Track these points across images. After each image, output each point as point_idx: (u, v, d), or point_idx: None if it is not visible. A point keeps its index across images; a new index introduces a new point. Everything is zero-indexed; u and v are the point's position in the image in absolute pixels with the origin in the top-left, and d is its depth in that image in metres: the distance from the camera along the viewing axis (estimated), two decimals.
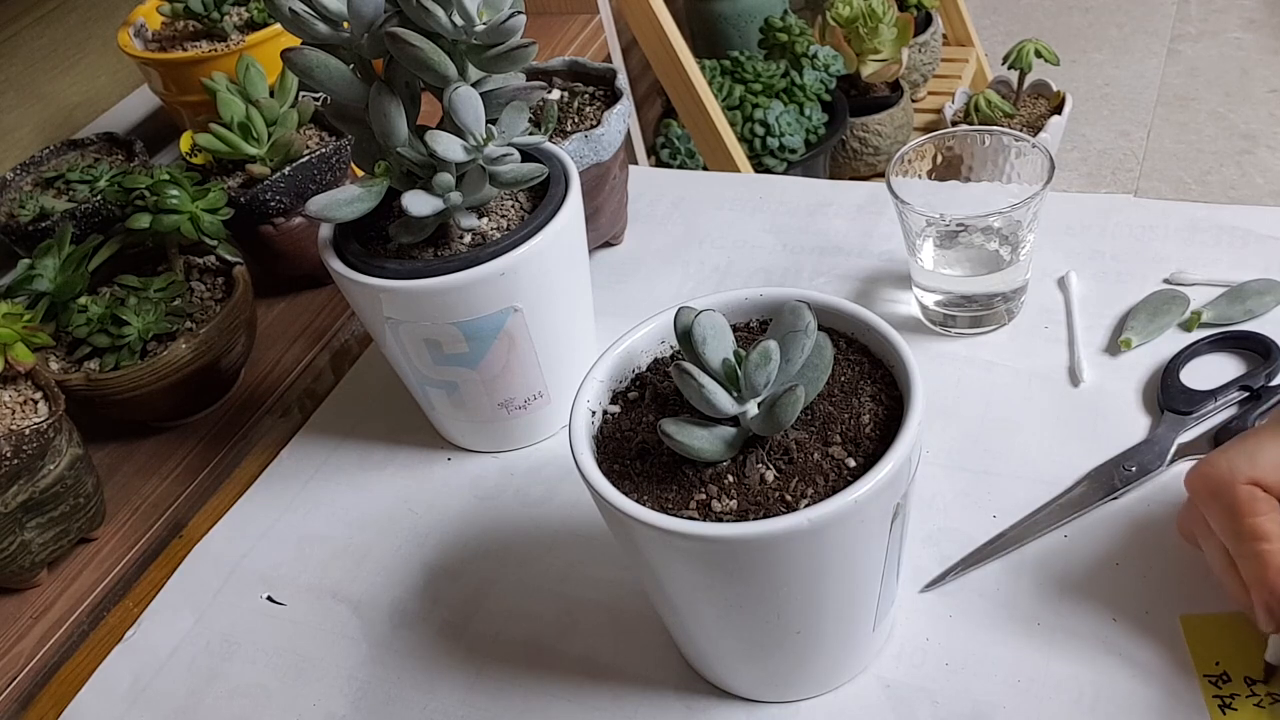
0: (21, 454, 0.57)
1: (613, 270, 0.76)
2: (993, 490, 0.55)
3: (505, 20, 0.50)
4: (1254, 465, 0.44)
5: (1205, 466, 0.45)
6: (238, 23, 0.91)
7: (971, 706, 0.47)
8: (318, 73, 0.51)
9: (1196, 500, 0.46)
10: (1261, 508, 0.43)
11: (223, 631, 0.58)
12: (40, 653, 0.60)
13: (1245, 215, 0.67)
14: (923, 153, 0.64)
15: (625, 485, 0.42)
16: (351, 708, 0.53)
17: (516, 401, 0.61)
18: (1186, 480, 0.47)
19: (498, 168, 0.54)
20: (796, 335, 0.41)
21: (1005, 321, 0.64)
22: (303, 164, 0.76)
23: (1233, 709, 0.44)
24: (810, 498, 0.40)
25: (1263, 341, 0.59)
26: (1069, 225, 0.70)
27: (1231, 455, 0.45)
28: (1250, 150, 1.95)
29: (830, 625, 0.44)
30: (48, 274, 0.68)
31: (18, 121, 0.95)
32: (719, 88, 1.66)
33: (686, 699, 0.50)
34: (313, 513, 0.64)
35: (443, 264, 0.54)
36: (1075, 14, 2.43)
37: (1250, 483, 0.44)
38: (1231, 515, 0.44)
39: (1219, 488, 0.44)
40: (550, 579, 0.56)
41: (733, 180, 0.83)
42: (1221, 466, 0.45)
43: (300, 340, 0.79)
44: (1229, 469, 0.44)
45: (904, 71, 1.84)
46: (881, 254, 0.72)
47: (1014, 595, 0.50)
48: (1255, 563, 0.43)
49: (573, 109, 0.72)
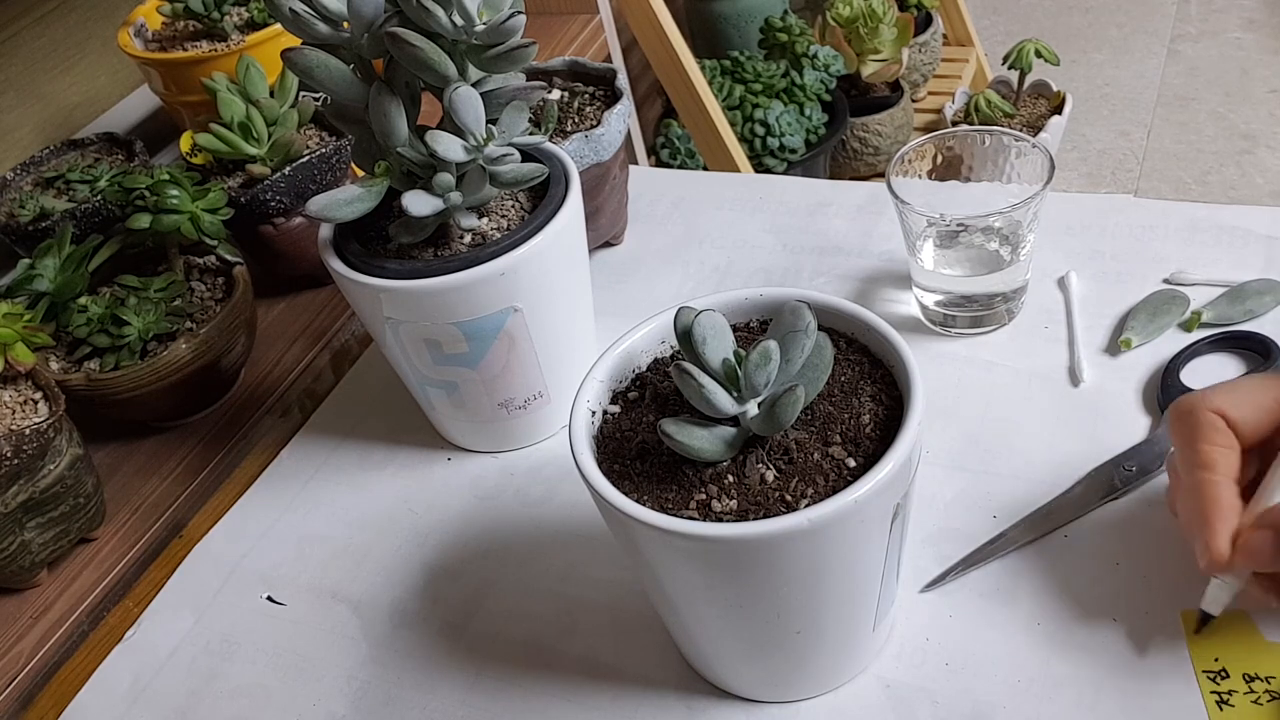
0: (21, 454, 0.57)
1: (613, 270, 0.76)
2: (993, 490, 0.55)
3: (505, 20, 0.50)
4: (1226, 399, 0.44)
5: (1183, 396, 0.46)
6: (238, 23, 0.91)
7: (971, 706, 0.47)
8: (318, 73, 0.51)
9: (1169, 429, 0.46)
10: (1216, 438, 0.43)
11: (223, 631, 0.58)
12: (40, 653, 0.60)
13: (1245, 215, 0.67)
14: (923, 153, 0.64)
15: (625, 485, 0.42)
16: (351, 708, 0.53)
17: (516, 401, 0.61)
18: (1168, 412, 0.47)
19: (498, 168, 0.54)
20: (796, 335, 0.41)
21: (1005, 321, 0.64)
22: (303, 164, 0.76)
23: (1230, 705, 0.44)
24: (810, 498, 0.40)
25: (1263, 341, 0.59)
26: (1069, 225, 0.70)
27: (1212, 388, 0.45)
28: (1250, 150, 1.95)
29: (830, 625, 0.44)
30: (48, 274, 0.68)
31: (18, 121, 0.95)
32: (719, 88, 1.66)
33: (686, 699, 0.50)
34: (313, 513, 0.64)
35: (443, 264, 0.54)
36: (1075, 14, 2.43)
37: (1216, 412, 0.44)
38: (1188, 440, 0.44)
39: (1186, 411, 0.44)
40: (550, 579, 0.56)
41: (733, 180, 0.83)
42: (1195, 395, 0.45)
43: (300, 340, 0.79)
44: (1201, 396, 0.45)
45: (904, 71, 1.84)
46: (881, 254, 0.72)
47: (1014, 595, 0.50)
48: (1197, 494, 0.42)
49: (573, 109, 0.72)
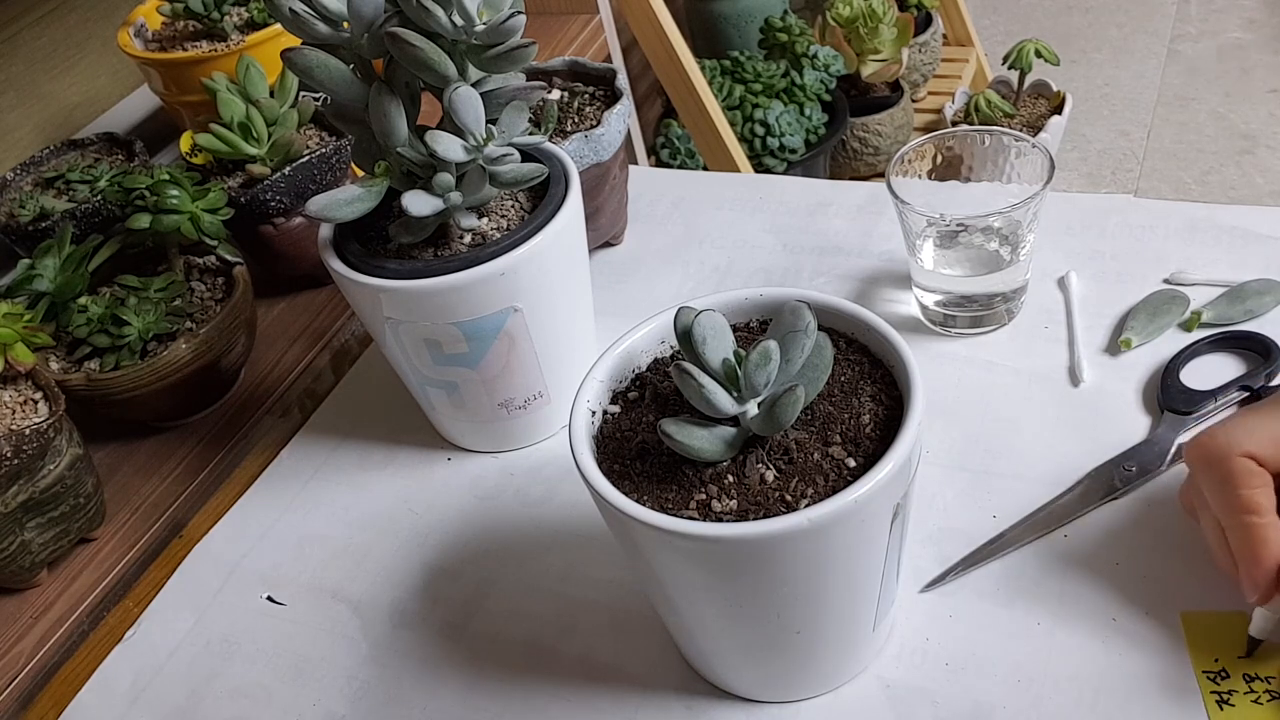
0: (21, 454, 0.57)
1: (613, 270, 0.76)
2: (993, 490, 0.55)
3: (505, 20, 0.50)
4: (1251, 438, 0.44)
5: (1204, 437, 0.46)
6: (238, 23, 0.91)
7: (971, 706, 0.47)
8: (318, 73, 0.51)
9: (1194, 470, 0.47)
10: (1255, 481, 0.44)
11: (223, 631, 0.58)
12: (40, 653, 0.60)
13: (1245, 215, 0.67)
14: (923, 153, 0.64)
15: (625, 485, 0.42)
16: (351, 708, 0.53)
17: (516, 401, 0.61)
18: (1185, 451, 0.47)
19: (498, 168, 0.54)
20: (796, 335, 0.41)
21: (1005, 321, 0.64)
22: (303, 164, 0.76)
23: (1230, 705, 0.44)
24: (810, 498, 0.40)
25: (1262, 341, 0.59)
26: (1069, 225, 0.70)
27: (1230, 428, 0.45)
28: (1250, 150, 1.95)
29: (830, 625, 0.44)
30: (48, 274, 0.68)
31: (18, 121, 0.95)
32: (719, 88, 1.66)
33: (686, 699, 0.50)
34: (313, 513, 0.64)
35: (443, 264, 0.54)
36: (1075, 14, 2.43)
37: (1246, 455, 0.44)
38: (1225, 486, 0.44)
39: (1215, 458, 0.45)
40: (550, 579, 0.56)
41: (733, 180, 0.83)
42: (1219, 438, 0.45)
43: (300, 340, 0.79)
44: (1226, 441, 0.45)
45: (904, 71, 1.84)
46: (881, 254, 0.72)
47: (1014, 595, 0.50)
48: (1244, 534, 0.43)
49: (573, 109, 0.72)
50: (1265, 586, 0.43)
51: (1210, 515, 0.46)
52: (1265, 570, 0.42)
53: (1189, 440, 0.47)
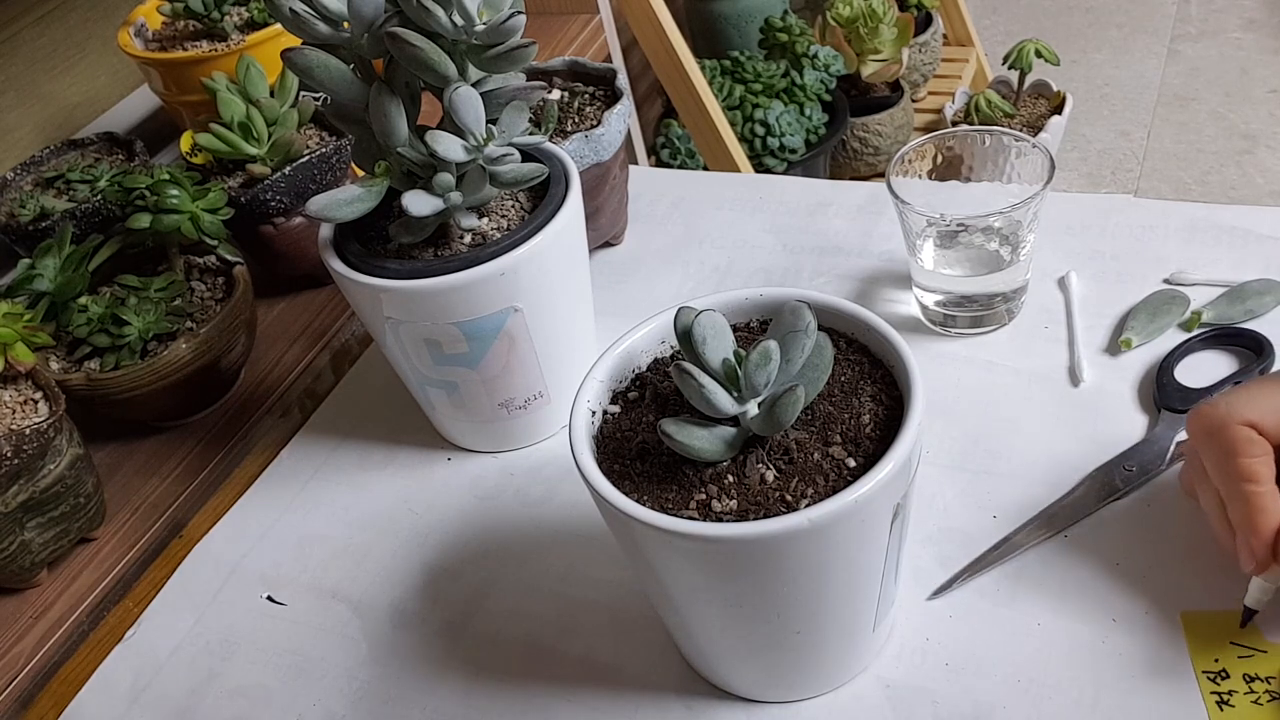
0: (22, 454, 0.57)
1: (613, 270, 0.76)
2: (993, 490, 0.55)
3: (505, 20, 0.50)
4: (1252, 408, 0.45)
5: (1205, 407, 0.46)
6: (238, 22, 0.91)
7: (971, 706, 0.47)
8: (318, 73, 0.51)
9: (1194, 441, 0.47)
10: (1255, 449, 0.44)
11: (223, 631, 0.58)
12: (40, 653, 0.60)
13: (1245, 215, 0.67)
14: (923, 153, 0.64)
15: (625, 485, 0.42)
16: (351, 708, 0.53)
17: (516, 401, 0.61)
18: (1187, 422, 0.47)
19: (498, 168, 0.54)
20: (796, 335, 0.41)
21: (1005, 321, 0.64)
22: (303, 164, 0.76)
23: (1230, 705, 0.44)
24: (810, 498, 0.40)
25: (1254, 338, 0.59)
26: (1069, 225, 0.70)
27: (1231, 398, 0.45)
28: (1250, 150, 1.95)
29: (830, 625, 0.44)
30: (48, 274, 0.68)
31: (18, 121, 0.95)
32: (719, 88, 1.66)
33: (686, 699, 0.50)
34: (313, 513, 0.64)
35: (443, 264, 0.54)
36: (1075, 14, 2.43)
37: (1247, 424, 0.44)
38: (1225, 455, 0.44)
39: (1215, 427, 0.45)
40: (550, 579, 0.56)
41: (733, 180, 0.83)
42: (1220, 407, 0.45)
43: (300, 340, 0.79)
44: (1227, 409, 0.45)
45: (904, 71, 1.84)
46: (881, 254, 0.72)
47: (1014, 595, 0.50)
48: (1242, 503, 0.43)
49: (573, 109, 0.72)
50: (1263, 555, 0.43)
51: (1210, 487, 0.46)
52: (1263, 539, 0.42)
53: (1190, 411, 0.47)
